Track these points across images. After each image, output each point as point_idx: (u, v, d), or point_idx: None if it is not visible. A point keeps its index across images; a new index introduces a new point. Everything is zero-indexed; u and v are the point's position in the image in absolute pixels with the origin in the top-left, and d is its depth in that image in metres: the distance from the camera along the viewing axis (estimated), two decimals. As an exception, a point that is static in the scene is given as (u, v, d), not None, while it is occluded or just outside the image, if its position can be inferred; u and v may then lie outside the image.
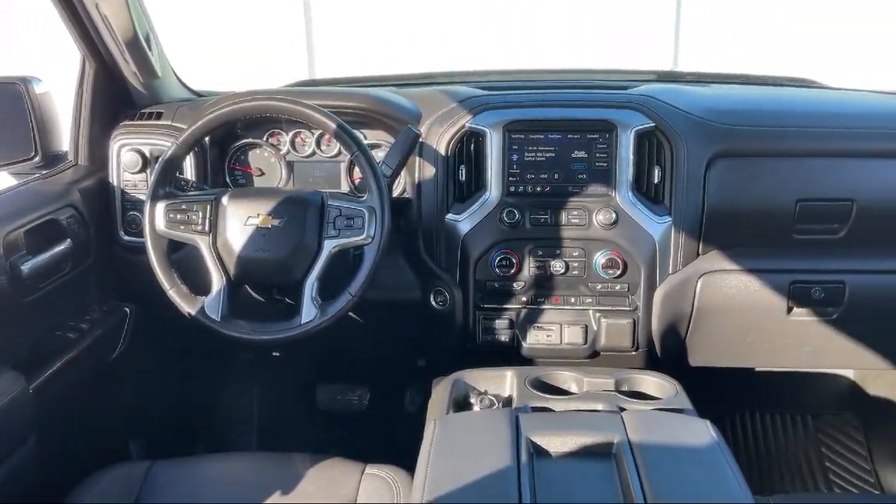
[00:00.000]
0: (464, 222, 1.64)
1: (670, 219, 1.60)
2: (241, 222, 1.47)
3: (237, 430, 2.32)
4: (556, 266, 1.63)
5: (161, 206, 1.49)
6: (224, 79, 2.78)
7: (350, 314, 1.47)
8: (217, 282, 1.47)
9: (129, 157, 1.75)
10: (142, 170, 1.75)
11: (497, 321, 1.67)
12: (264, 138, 1.80)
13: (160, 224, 1.48)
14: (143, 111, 1.82)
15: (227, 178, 1.82)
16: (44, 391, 1.50)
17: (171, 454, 1.51)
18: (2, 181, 1.72)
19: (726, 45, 6.46)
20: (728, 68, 2.60)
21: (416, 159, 1.66)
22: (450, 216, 1.65)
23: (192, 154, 1.70)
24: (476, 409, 1.34)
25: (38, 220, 1.56)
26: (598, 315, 1.65)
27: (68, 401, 1.66)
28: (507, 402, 1.35)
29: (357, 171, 1.78)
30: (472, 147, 1.64)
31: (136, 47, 1.73)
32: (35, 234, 1.54)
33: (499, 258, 1.63)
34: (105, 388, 1.84)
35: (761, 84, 2.04)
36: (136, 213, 1.77)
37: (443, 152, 1.64)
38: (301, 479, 1.42)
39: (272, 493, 1.39)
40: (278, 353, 2.26)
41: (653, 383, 1.39)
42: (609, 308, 1.65)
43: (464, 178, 1.65)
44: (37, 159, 1.73)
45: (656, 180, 1.61)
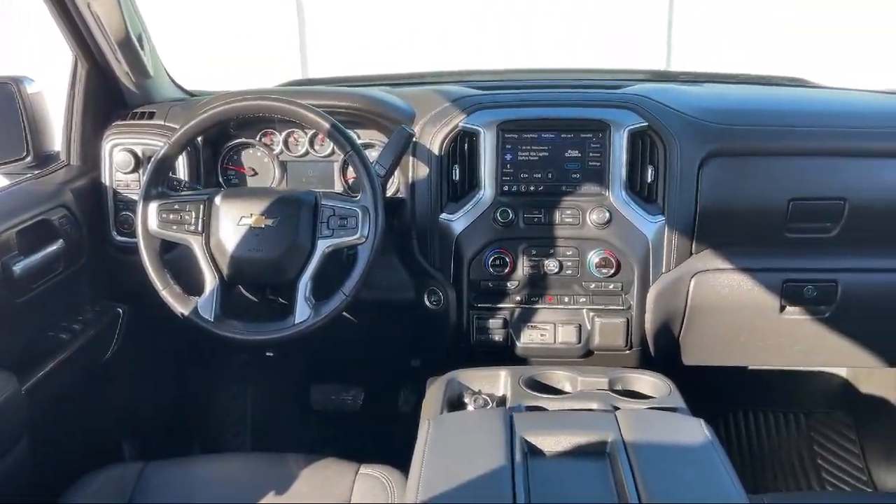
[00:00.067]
0: (457, 222, 1.64)
1: (663, 218, 1.61)
2: (234, 222, 1.47)
3: (231, 431, 2.31)
4: (550, 265, 1.63)
5: (154, 206, 1.48)
6: (218, 78, 2.78)
7: (344, 314, 1.47)
8: (210, 282, 1.47)
9: (121, 156, 1.74)
10: (134, 170, 1.75)
11: (491, 321, 1.67)
12: (257, 138, 1.80)
13: (153, 224, 1.48)
14: (135, 111, 1.81)
15: (220, 178, 1.82)
16: (36, 392, 1.49)
17: (165, 455, 1.51)
18: (-6, 181, 1.72)
19: (718, 45, 6.47)
20: (721, 68, 2.60)
21: (410, 159, 1.66)
22: (443, 216, 1.64)
23: (184, 154, 1.69)
24: (470, 408, 1.34)
25: (30, 220, 1.55)
26: (591, 314, 1.65)
27: (61, 401, 1.65)
28: (502, 401, 1.35)
29: (351, 171, 1.78)
30: (466, 146, 1.64)
31: (129, 47, 1.72)
32: (27, 234, 1.53)
33: (492, 258, 1.63)
34: (98, 389, 1.83)
35: (754, 83, 2.05)
36: (128, 213, 1.76)
37: (436, 152, 1.64)
38: (295, 479, 1.42)
39: (266, 493, 1.39)
40: (272, 354, 2.26)
41: (646, 382, 1.39)
42: (603, 307, 1.65)
43: (457, 178, 1.64)
44: (29, 159, 1.73)
45: (649, 179, 1.61)
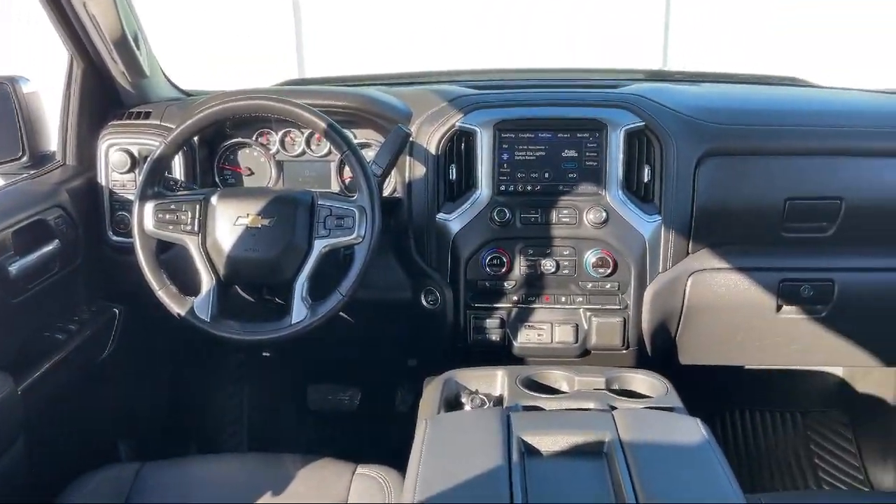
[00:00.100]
0: (454, 221, 1.64)
1: (660, 217, 1.61)
2: (230, 222, 1.46)
3: (227, 431, 2.31)
4: (547, 265, 1.63)
5: (150, 205, 1.48)
6: (216, 78, 2.78)
7: (341, 314, 1.47)
8: (206, 282, 1.47)
9: (117, 156, 1.74)
10: (130, 170, 1.74)
11: (488, 320, 1.66)
12: (254, 138, 1.80)
13: (149, 224, 1.48)
14: (131, 111, 1.81)
15: (216, 178, 1.81)
16: (33, 392, 1.49)
17: (161, 455, 1.51)
18: (-10, 181, 1.71)
19: (716, 45, 6.48)
20: (718, 68, 2.60)
21: (407, 158, 1.66)
22: (440, 215, 1.64)
23: (180, 154, 1.69)
24: (467, 408, 1.34)
25: (26, 220, 1.55)
26: (588, 314, 1.65)
27: (57, 402, 1.65)
28: (499, 401, 1.35)
29: (347, 171, 1.77)
30: (463, 146, 1.64)
31: (125, 47, 1.72)
32: (23, 234, 1.53)
33: (489, 257, 1.63)
34: (94, 389, 1.83)
35: (750, 83, 2.05)
36: (124, 213, 1.76)
37: (433, 151, 1.64)
38: (292, 479, 1.41)
39: (263, 493, 1.39)
40: (268, 354, 2.25)
41: (643, 382, 1.39)
42: (599, 307, 1.65)
43: (454, 178, 1.64)
44: (24, 159, 1.73)
45: (646, 179, 1.61)
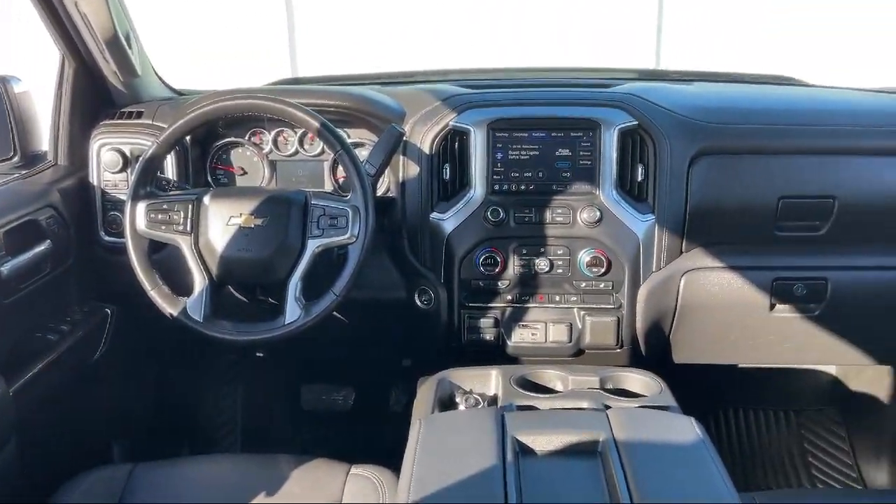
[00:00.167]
0: (448, 221, 1.63)
1: (654, 217, 1.61)
2: (223, 222, 1.46)
3: (221, 432, 2.31)
4: (541, 264, 1.63)
5: (142, 205, 1.47)
6: (202, 74, 2.75)
7: (334, 314, 1.46)
8: (199, 282, 1.46)
9: (109, 156, 1.73)
10: (122, 169, 1.74)
11: (482, 320, 1.66)
12: (246, 137, 1.79)
13: (141, 224, 1.47)
14: (123, 110, 1.80)
15: (208, 178, 1.81)
16: (24, 393, 1.48)
17: (154, 456, 1.50)
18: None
19: (710, 45, 6.49)
20: (712, 68, 2.61)
21: (400, 158, 1.65)
22: (434, 215, 1.64)
23: (173, 153, 1.68)
24: (461, 408, 1.33)
25: (18, 220, 1.54)
26: (582, 313, 1.65)
27: (50, 403, 1.64)
28: (493, 400, 1.35)
29: (341, 170, 1.77)
30: (457, 145, 1.64)
31: (116, 46, 1.71)
32: (14, 234, 1.52)
33: (483, 257, 1.63)
34: (87, 390, 1.82)
35: (743, 82, 2.05)
36: (116, 213, 1.75)
37: (427, 151, 1.63)
38: (286, 480, 1.41)
39: (256, 494, 1.39)
40: (262, 354, 2.25)
41: (637, 381, 1.39)
42: (593, 306, 1.65)
43: (448, 177, 1.64)
44: (16, 159, 1.73)
45: (640, 178, 1.61)
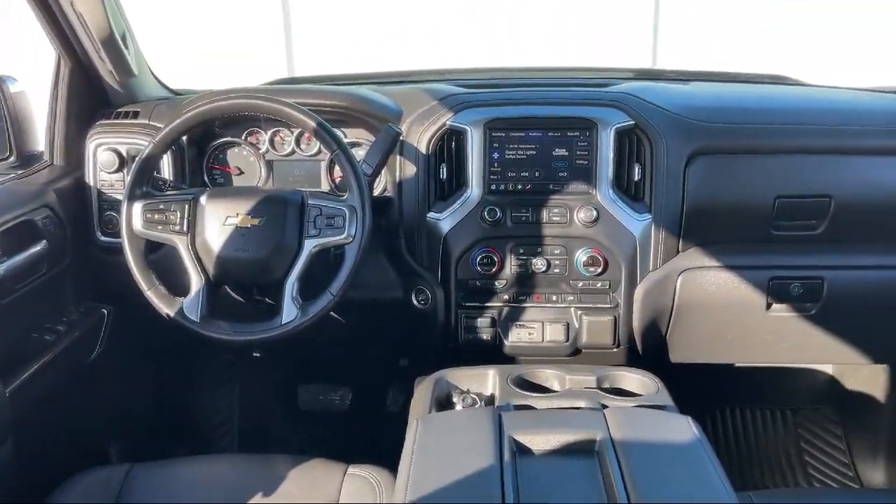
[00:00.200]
0: (445, 221, 1.63)
1: (650, 216, 1.61)
2: (219, 222, 1.46)
3: (218, 432, 2.30)
4: (538, 264, 1.63)
5: (138, 205, 1.47)
6: (198, 74, 2.74)
7: (331, 314, 1.46)
8: (196, 282, 1.46)
9: (105, 156, 1.73)
10: (118, 169, 1.73)
11: (479, 320, 1.66)
12: (243, 137, 1.79)
13: (137, 224, 1.47)
14: (119, 110, 1.80)
15: (205, 178, 1.80)
16: (21, 394, 1.48)
17: (151, 457, 1.50)
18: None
19: (706, 44, 6.50)
20: (707, 67, 2.61)
21: (397, 158, 1.65)
22: (431, 215, 1.64)
23: (169, 153, 1.68)
24: (458, 408, 1.33)
25: (13, 220, 1.54)
26: (579, 312, 1.65)
27: (46, 403, 1.64)
28: (490, 400, 1.35)
29: (337, 170, 1.77)
30: (453, 145, 1.64)
31: (112, 45, 1.71)
32: (10, 235, 1.52)
33: (480, 256, 1.63)
34: (83, 390, 1.82)
35: (740, 81, 2.05)
36: (112, 213, 1.75)
37: (423, 150, 1.63)
38: (283, 480, 1.41)
39: (253, 494, 1.38)
40: (259, 354, 2.24)
41: (634, 380, 1.39)
42: (590, 305, 1.65)
43: (445, 177, 1.64)
44: (11, 159, 1.72)
45: (636, 178, 1.61)
